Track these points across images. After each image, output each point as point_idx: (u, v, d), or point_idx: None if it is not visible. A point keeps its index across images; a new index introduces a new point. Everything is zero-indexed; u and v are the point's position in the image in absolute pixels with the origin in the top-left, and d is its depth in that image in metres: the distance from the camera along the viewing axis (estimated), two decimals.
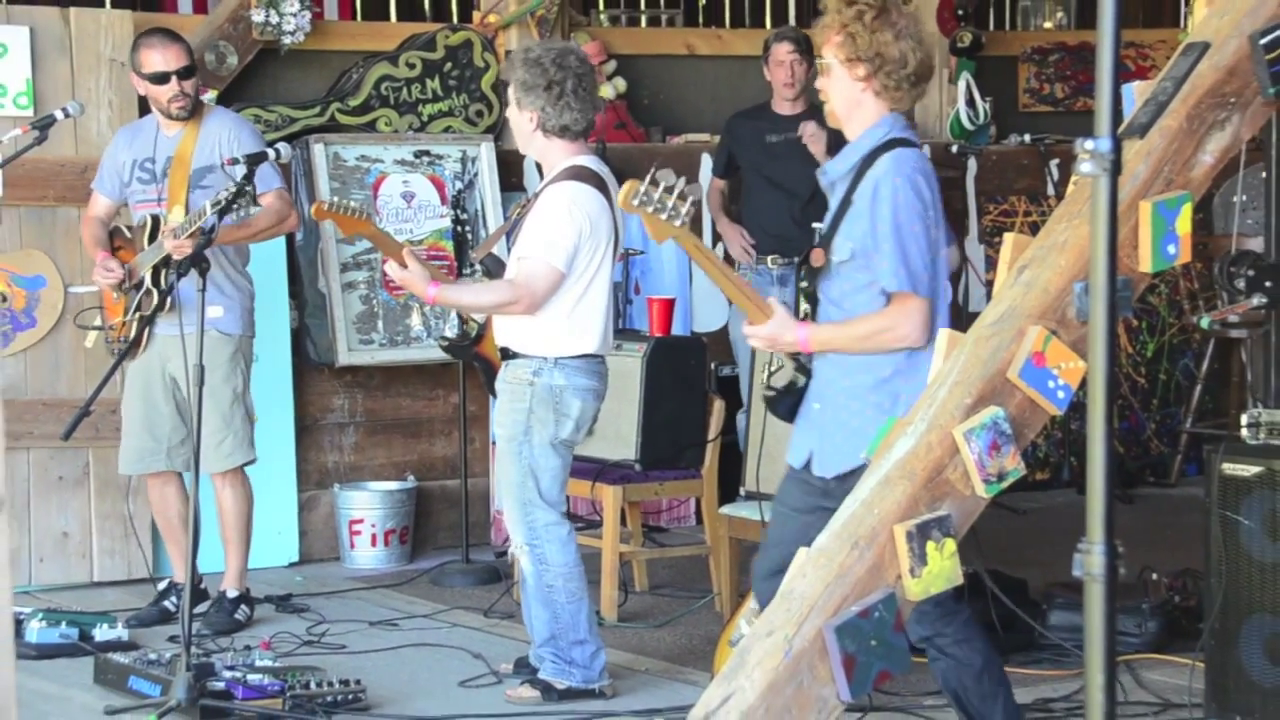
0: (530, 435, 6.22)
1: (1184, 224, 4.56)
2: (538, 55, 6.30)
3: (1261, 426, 6.09)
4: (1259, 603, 5.98)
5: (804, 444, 5.07)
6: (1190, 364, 10.63)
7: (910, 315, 4.84)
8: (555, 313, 6.21)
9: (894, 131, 4.98)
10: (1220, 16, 4.75)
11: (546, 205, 6.24)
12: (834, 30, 4.96)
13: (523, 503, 6.23)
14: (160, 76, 7.21)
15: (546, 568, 6.24)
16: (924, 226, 4.87)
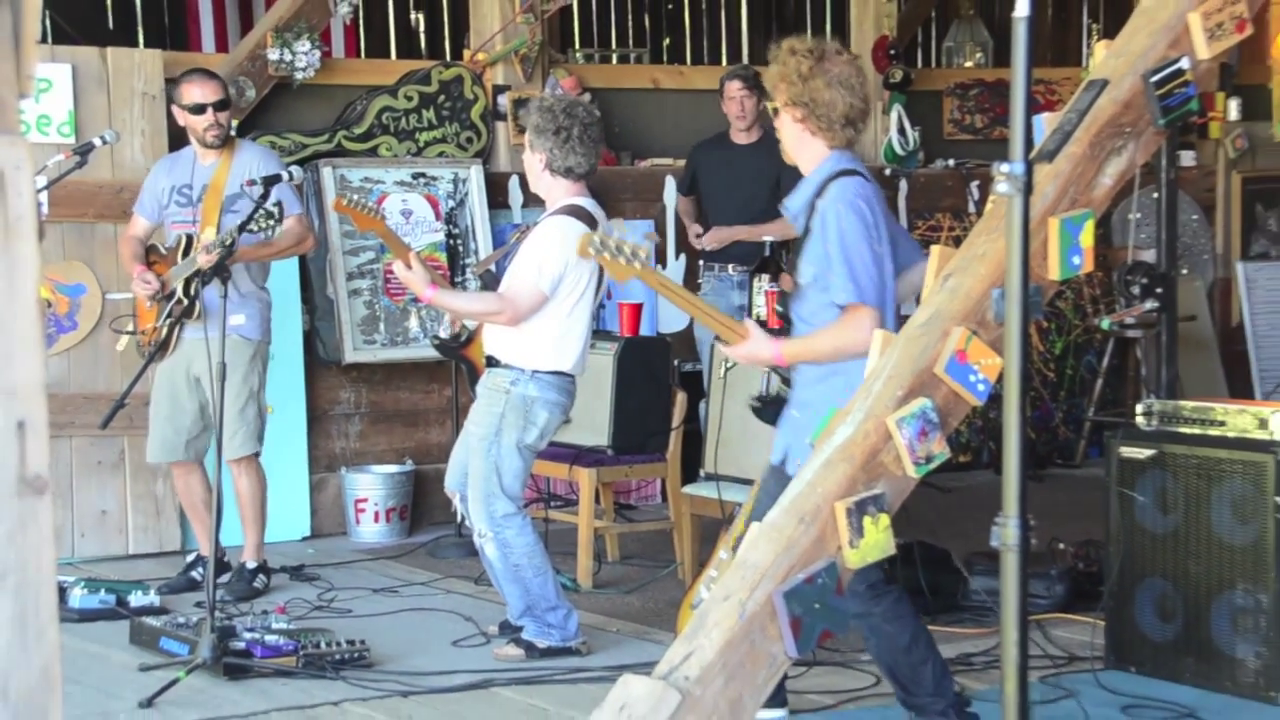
0: (500, 437, 6.24)
1: (1087, 238, 4.58)
2: (550, 104, 6.36)
3: (1154, 415, 6.13)
4: (1152, 568, 6.02)
5: (781, 444, 5.15)
6: (1093, 360, 10.66)
7: (862, 324, 4.86)
8: (539, 331, 6.24)
9: (839, 164, 5.02)
10: (1117, 57, 4.78)
11: (541, 234, 6.28)
12: (778, 79, 5.02)
13: (486, 494, 6.24)
14: (198, 108, 7.24)
15: (510, 550, 6.26)
16: (869, 245, 4.90)
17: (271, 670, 6.01)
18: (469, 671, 6.14)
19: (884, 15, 10.71)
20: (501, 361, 6.30)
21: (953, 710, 4.99)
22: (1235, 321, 10.77)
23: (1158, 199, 7.70)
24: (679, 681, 4.10)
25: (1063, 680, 5.95)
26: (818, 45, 5.06)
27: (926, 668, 4.99)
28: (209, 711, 5.66)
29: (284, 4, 9.17)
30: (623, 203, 9.49)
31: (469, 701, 5.83)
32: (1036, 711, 5.28)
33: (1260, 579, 5.71)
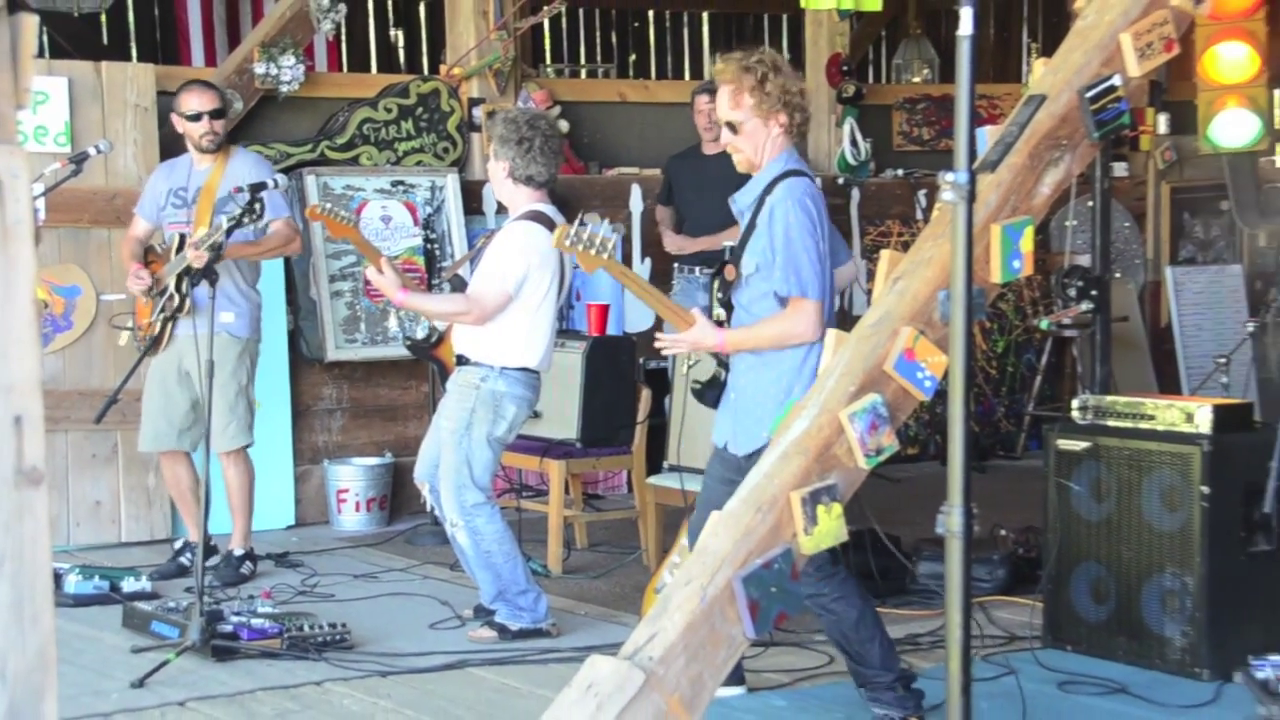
0: (470, 430, 6.23)
1: (1027, 243, 4.60)
2: (515, 116, 6.40)
3: (1089, 409, 6.15)
4: (1087, 553, 6.04)
5: (724, 428, 5.17)
6: (1032, 358, 10.70)
7: (803, 316, 4.91)
8: (506, 330, 6.23)
9: (789, 164, 5.05)
10: (1054, 74, 4.80)
11: (505, 239, 6.29)
12: (744, 92, 5.02)
13: (457, 485, 6.24)
14: (195, 115, 7.27)
15: (481, 537, 6.25)
16: (813, 241, 4.93)
17: (257, 652, 5.99)
18: (445, 653, 6.13)
19: (837, 34, 10.73)
20: (471, 359, 6.29)
21: (899, 684, 5.02)
22: (1164, 322, 10.82)
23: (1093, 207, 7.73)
24: (643, 661, 4.10)
25: (1003, 658, 5.96)
26: (766, 54, 5.10)
27: (874, 644, 5.02)
28: (198, 691, 5.63)
29: (270, 21, 9.20)
30: (591, 209, 9.49)
31: (445, 681, 5.82)
32: (978, 688, 5.30)
33: (1187, 563, 5.74)
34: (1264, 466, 5.01)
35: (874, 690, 5.03)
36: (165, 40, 11.73)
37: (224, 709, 5.48)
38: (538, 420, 7.38)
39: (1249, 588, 5.70)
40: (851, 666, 5.12)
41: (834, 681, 5.54)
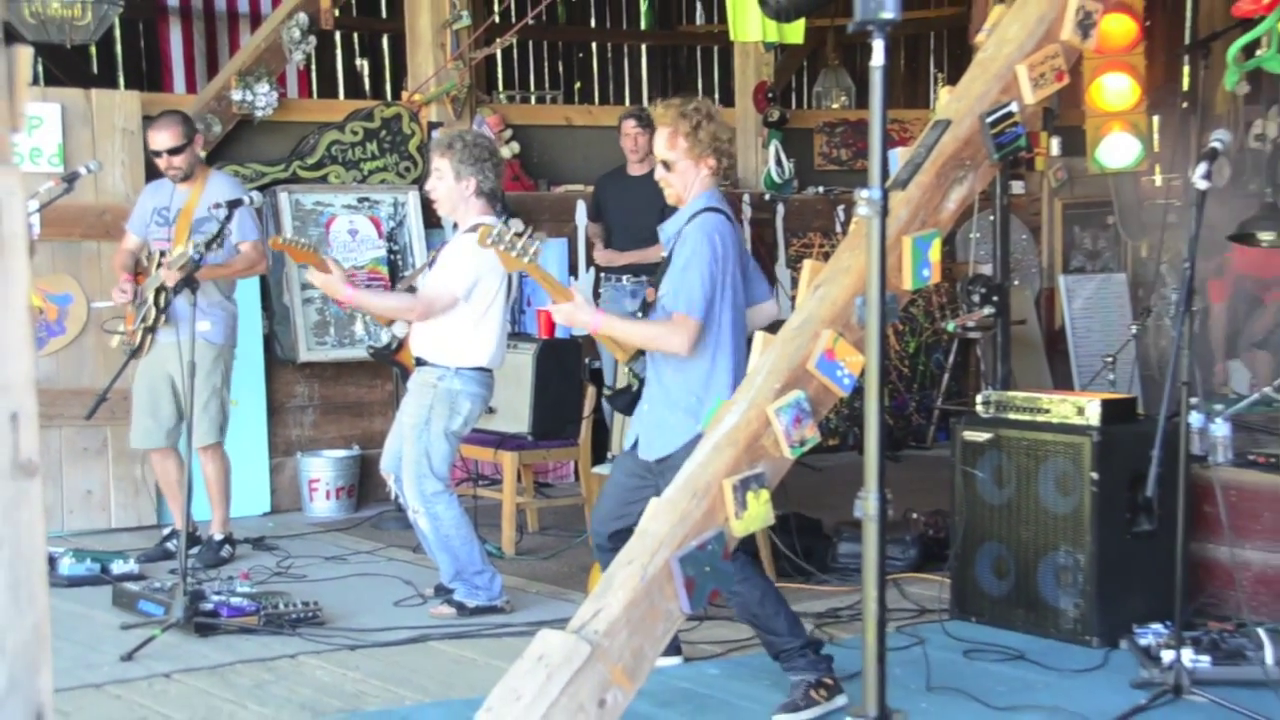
0: (429, 425, 6.22)
1: (935, 253, 4.62)
2: (474, 139, 6.40)
3: (991, 404, 6.19)
4: (989, 534, 6.08)
5: (634, 433, 5.21)
6: (941, 358, 10.74)
7: (680, 331, 4.92)
8: (460, 333, 6.23)
9: (709, 203, 5.08)
10: (958, 101, 4.82)
11: (458, 246, 6.28)
12: (680, 136, 5.05)
13: (418, 475, 6.22)
14: (155, 153, 7.23)
15: (440, 522, 6.24)
16: (710, 271, 4.93)
17: (236, 628, 5.98)
18: (408, 628, 6.11)
19: (763, 64, 10.77)
20: (429, 361, 6.28)
21: (809, 649, 5.03)
22: (1058, 325, 10.90)
23: (993, 221, 7.79)
24: (589, 635, 4.10)
25: (915, 629, 6.00)
26: (697, 100, 5.14)
27: (780, 618, 5.04)
28: (181, 664, 5.61)
29: (246, 52, 9.19)
30: (540, 223, 9.47)
31: (408, 654, 5.81)
32: (892, 656, 5.32)
33: (1079, 542, 5.78)
34: (1147, 455, 5.04)
35: (787, 658, 5.06)
36: (150, 69, 11.66)
37: (206, 680, 5.45)
38: (493, 415, 7.37)
39: (1133, 564, 5.76)
40: (764, 639, 5.14)
41: (762, 652, 5.56)
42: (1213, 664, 5.15)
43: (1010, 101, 4.76)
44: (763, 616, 5.05)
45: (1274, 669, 5.16)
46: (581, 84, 13.67)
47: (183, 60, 11.45)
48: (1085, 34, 4.90)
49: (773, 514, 4.40)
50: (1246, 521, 5.92)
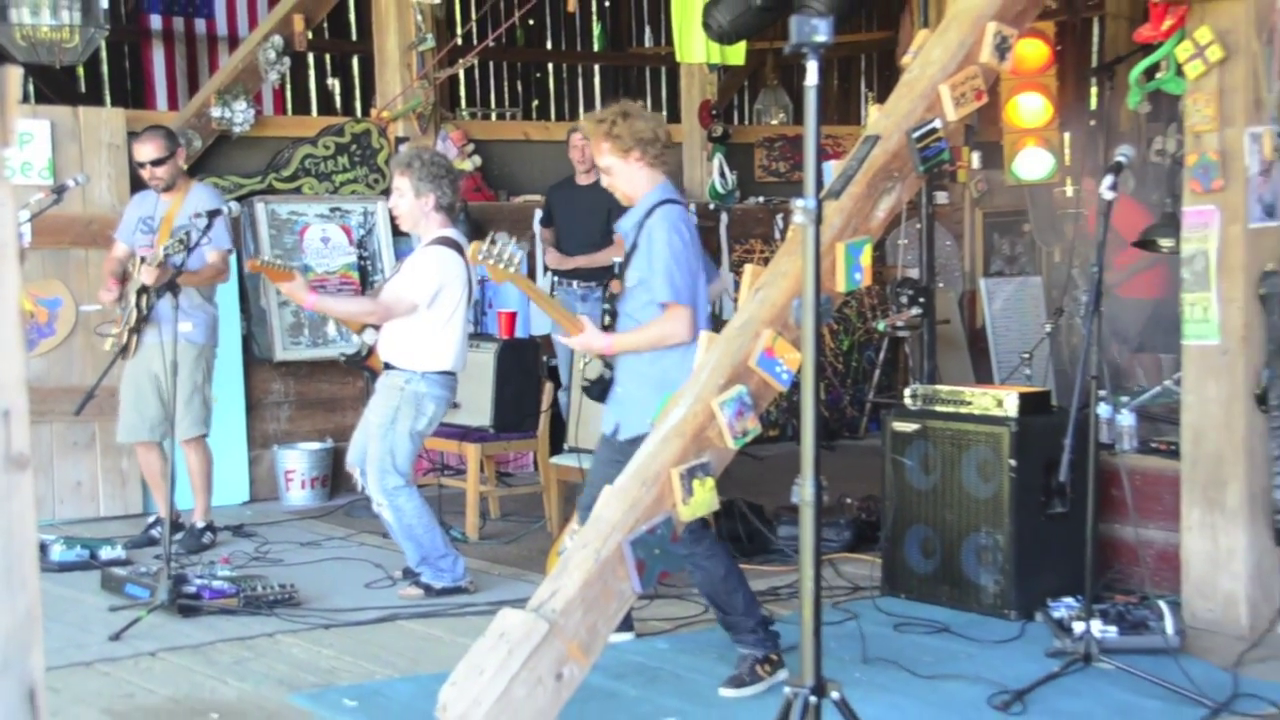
0: (395, 425, 6.20)
1: (866, 258, 4.64)
2: (431, 157, 6.40)
3: (919, 397, 6.22)
4: (917, 517, 6.11)
5: (611, 418, 5.21)
6: (872, 355, 10.77)
7: (678, 319, 4.94)
8: (424, 339, 6.23)
9: (664, 194, 5.07)
10: (887, 118, 4.84)
11: (422, 259, 6.29)
12: (601, 139, 5.06)
13: (382, 470, 6.21)
14: (140, 164, 7.20)
15: (402, 514, 6.22)
16: (685, 258, 4.95)
17: (217, 609, 5.94)
18: (379, 608, 6.09)
19: (707, 84, 10.77)
20: (396, 365, 6.27)
21: (760, 627, 5.04)
22: (979, 324, 10.95)
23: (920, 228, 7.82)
24: (547, 613, 4.10)
25: (849, 605, 6.02)
26: (615, 105, 5.14)
27: (738, 595, 5.04)
28: (166, 643, 5.57)
29: (224, 71, 9.16)
30: (500, 230, 9.44)
31: (379, 632, 5.79)
32: (828, 630, 5.34)
33: (998, 523, 5.82)
34: (1060, 443, 5.08)
35: (739, 633, 5.06)
36: (134, 88, 11.58)
37: (189, 658, 5.42)
38: (457, 410, 7.34)
39: (1048, 543, 5.79)
40: (719, 615, 5.15)
41: (708, 628, 5.57)
42: (1119, 634, 5.20)
43: (934, 119, 4.79)
44: (723, 592, 5.06)
45: (1174, 638, 5.21)
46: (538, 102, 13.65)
47: (165, 79, 11.38)
48: (1002, 57, 4.93)
49: (717, 500, 4.41)
50: (1149, 503, 5.98)
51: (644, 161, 5.07)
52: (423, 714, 4.28)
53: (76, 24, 8.10)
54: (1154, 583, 5.84)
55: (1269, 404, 5.47)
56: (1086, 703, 4.75)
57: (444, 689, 4.05)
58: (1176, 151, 7.82)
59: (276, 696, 4.98)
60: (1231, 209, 5.53)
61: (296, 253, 8.69)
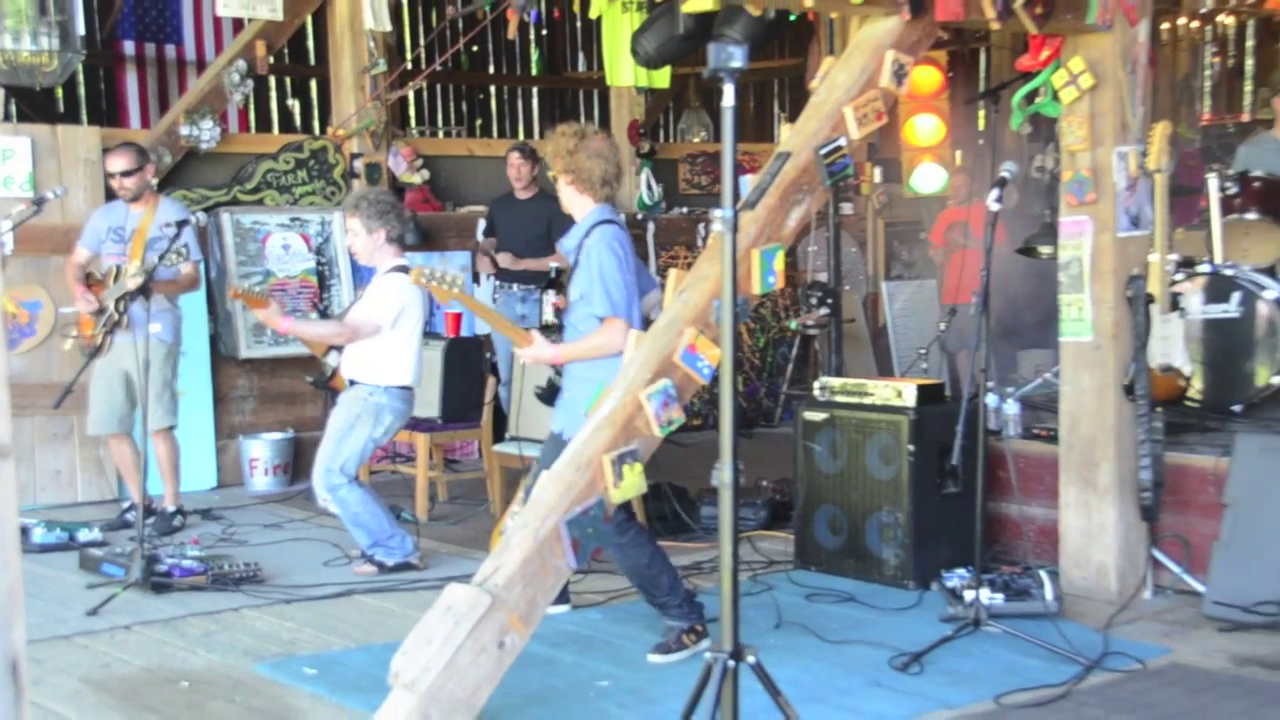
0: (354, 430, 6.21)
1: (779, 264, 4.65)
2: (377, 196, 6.47)
3: (827, 389, 6.25)
4: (826, 497, 6.15)
5: (559, 419, 5.22)
6: (785, 351, 10.81)
7: (615, 330, 4.94)
8: (385, 357, 6.28)
9: (602, 215, 5.08)
10: (797, 136, 4.86)
11: (384, 286, 6.32)
12: (553, 155, 5.07)
13: (327, 470, 6.20)
14: (110, 175, 7.17)
15: (347, 505, 6.21)
16: (621, 274, 4.97)
17: (187, 586, 5.90)
18: (336, 584, 6.06)
19: (635, 105, 10.80)
20: (360, 380, 6.28)
21: (685, 603, 5.05)
22: (881, 323, 11.03)
23: (827, 236, 7.87)
24: (490, 588, 4.10)
25: (765, 578, 6.05)
26: (579, 128, 5.13)
27: (663, 578, 5.05)
28: (140, 618, 5.53)
29: (193, 93, 9.10)
30: (448, 239, 9.43)
31: (337, 606, 5.76)
32: (746, 601, 5.38)
33: (898, 503, 5.87)
34: (952, 430, 5.13)
35: (666, 610, 5.07)
36: (109, 108, 11.42)
37: (161, 631, 5.37)
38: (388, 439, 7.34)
39: (943, 520, 5.85)
40: (647, 597, 5.14)
41: (638, 600, 5.58)
42: (1005, 600, 5.25)
43: (839, 137, 4.81)
44: (648, 575, 5.06)
45: (1053, 603, 5.28)
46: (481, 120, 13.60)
47: (138, 100, 11.25)
48: (899, 82, 4.97)
49: (645, 483, 4.42)
50: (1031, 484, 6.05)
51: (576, 189, 5.09)
52: (376, 681, 4.26)
53: (55, 49, 8.03)
54: (1035, 554, 5.91)
55: (1136, 394, 5.56)
56: (976, 663, 4.81)
57: (396, 657, 4.04)
58: (1054, 168, 7.91)
59: (242, 666, 4.95)
60: (1102, 220, 5.61)
61: (259, 259, 8.62)
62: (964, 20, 5.13)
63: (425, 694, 3.96)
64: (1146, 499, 5.55)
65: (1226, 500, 5.43)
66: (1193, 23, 11.48)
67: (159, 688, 4.72)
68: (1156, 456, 5.52)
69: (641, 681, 4.69)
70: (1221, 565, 5.34)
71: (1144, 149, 5.59)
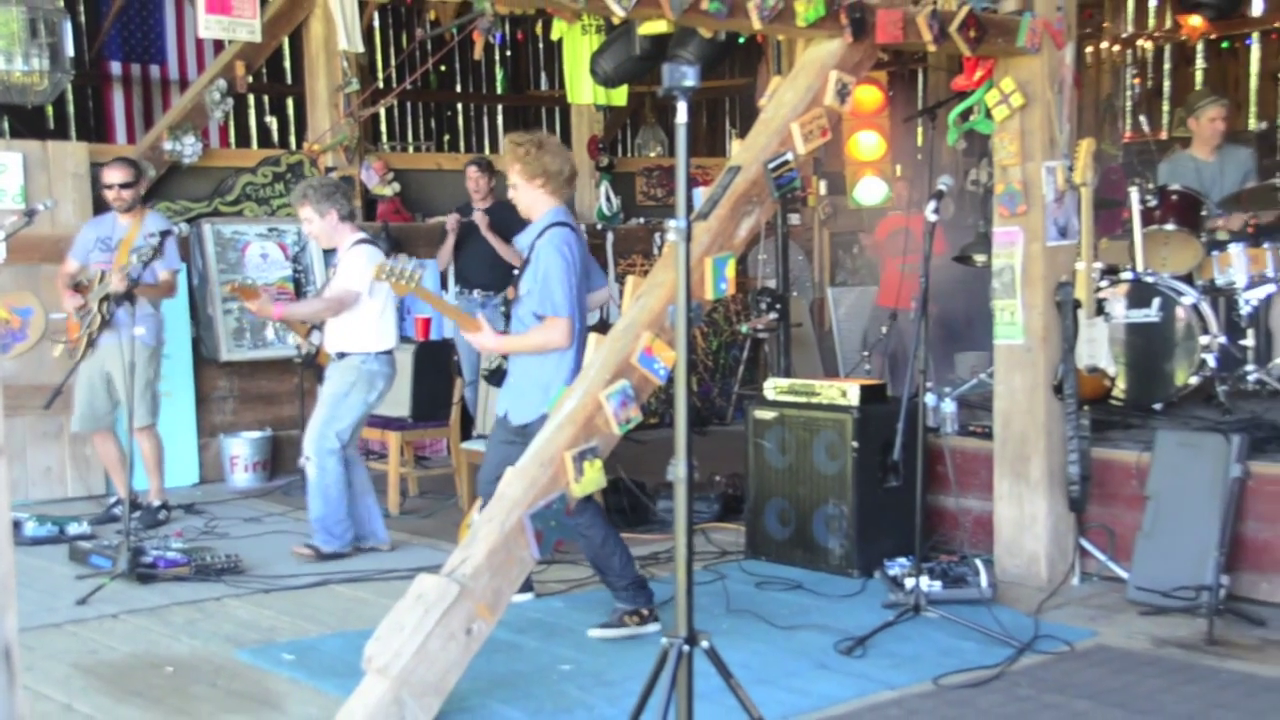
0: (349, 396, 6.23)
1: (731, 271, 4.66)
2: (319, 182, 6.51)
3: (776, 390, 6.27)
4: (775, 491, 6.16)
5: (504, 403, 5.22)
6: (737, 353, 10.83)
7: (553, 330, 4.96)
8: (368, 325, 6.28)
9: (556, 218, 5.07)
10: (747, 151, 4.87)
11: (353, 255, 6.30)
12: (514, 160, 5.07)
13: (321, 432, 6.19)
14: (108, 186, 7.15)
15: (325, 473, 6.21)
16: (566, 276, 4.96)
17: (171, 577, 5.86)
18: (312, 574, 6.03)
19: (594, 121, 10.80)
20: (350, 351, 6.29)
21: (634, 586, 5.05)
22: (827, 327, 11.05)
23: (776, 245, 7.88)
24: (459, 577, 4.09)
25: (717, 567, 6.06)
26: (535, 135, 5.15)
27: (615, 558, 5.06)
28: (127, 607, 5.48)
29: (176, 110, 9.07)
30: (417, 246, 9.40)
31: (313, 595, 5.73)
32: (700, 588, 5.37)
33: (843, 496, 5.88)
34: (894, 428, 5.15)
35: (616, 590, 5.08)
36: (97, 124, 11.32)
37: (147, 619, 5.33)
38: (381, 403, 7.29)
39: (885, 513, 5.86)
40: (600, 575, 5.17)
41: (598, 589, 5.58)
42: (943, 587, 5.28)
43: (787, 152, 4.83)
44: (602, 556, 5.07)
45: (987, 590, 5.31)
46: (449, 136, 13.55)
47: (124, 117, 11.16)
48: (843, 100, 4.99)
49: (605, 478, 4.42)
50: (968, 478, 6.08)
51: (546, 190, 5.08)
52: (351, 666, 4.24)
53: (46, 69, 8.04)
54: (971, 544, 5.94)
55: (1064, 393, 5.60)
56: (916, 646, 4.83)
57: (369, 643, 4.02)
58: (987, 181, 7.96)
59: (223, 652, 4.91)
60: (1032, 230, 5.65)
61: (239, 267, 8.58)
62: (903, 43, 5.17)
63: (397, 678, 3.94)
64: (1074, 491, 5.59)
65: (1148, 492, 5.47)
66: (1115, 47, 11.63)
67: (145, 673, 4.68)
68: (1083, 452, 5.56)
69: (601, 665, 4.68)
70: (1143, 553, 5.39)
71: (1070, 164, 5.63)
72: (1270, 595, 5.21)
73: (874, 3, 5.06)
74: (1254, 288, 6.71)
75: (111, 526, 6.90)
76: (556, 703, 4.28)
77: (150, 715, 4.25)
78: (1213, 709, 4.16)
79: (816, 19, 4.86)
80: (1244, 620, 5.05)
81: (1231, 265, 6.73)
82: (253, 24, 8.04)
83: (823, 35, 4.98)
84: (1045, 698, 4.28)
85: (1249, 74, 11.18)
